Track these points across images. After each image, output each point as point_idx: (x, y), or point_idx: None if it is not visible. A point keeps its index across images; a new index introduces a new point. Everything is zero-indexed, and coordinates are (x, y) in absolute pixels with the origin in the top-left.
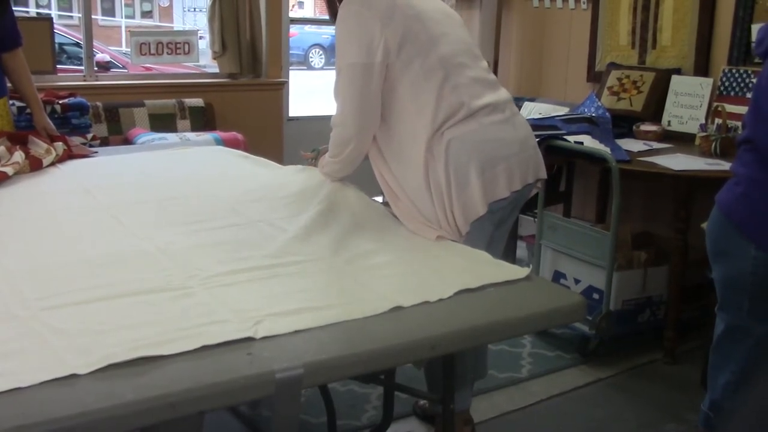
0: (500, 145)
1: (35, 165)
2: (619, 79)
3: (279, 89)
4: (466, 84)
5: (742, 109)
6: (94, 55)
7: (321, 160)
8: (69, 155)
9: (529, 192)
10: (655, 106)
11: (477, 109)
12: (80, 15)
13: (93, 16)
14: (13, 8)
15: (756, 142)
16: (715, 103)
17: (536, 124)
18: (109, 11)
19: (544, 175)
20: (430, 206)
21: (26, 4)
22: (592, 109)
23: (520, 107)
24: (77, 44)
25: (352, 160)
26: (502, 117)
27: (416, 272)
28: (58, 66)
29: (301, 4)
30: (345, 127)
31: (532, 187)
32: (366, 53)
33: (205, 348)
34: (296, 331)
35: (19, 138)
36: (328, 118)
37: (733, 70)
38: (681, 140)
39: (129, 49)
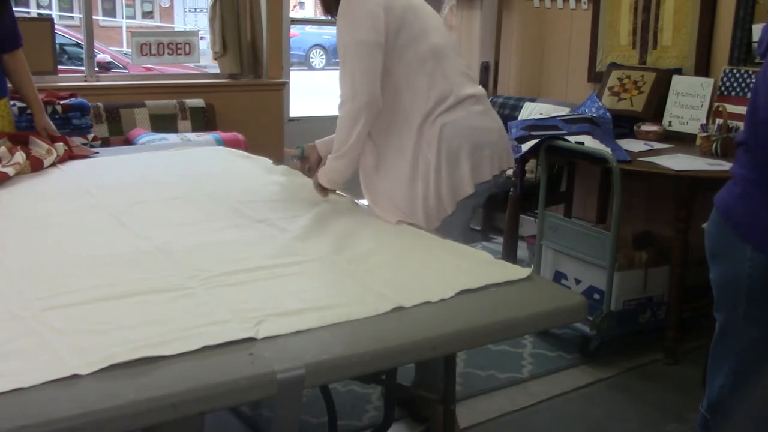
0: (486, 133)
1: (36, 165)
2: (620, 80)
3: (280, 89)
4: (453, 74)
5: (743, 110)
6: (95, 56)
7: (320, 169)
8: (70, 156)
9: (495, 183)
10: (655, 107)
11: (464, 97)
12: (81, 15)
13: (94, 17)
14: (14, 9)
15: (750, 144)
16: (716, 104)
17: (537, 125)
18: (110, 12)
19: (513, 165)
20: (406, 187)
21: (27, 5)
22: (593, 110)
23: (520, 108)
24: (78, 45)
25: (359, 142)
26: (482, 108)
27: (417, 272)
28: (58, 66)
29: (301, 5)
30: (356, 98)
31: (499, 178)
32: (374, 33)
33: (206, 348)
34: (297, 332)
35: (20, 138)
36: (328, 118)
37: (734, 71)
38: (682, 140)
39: (130, 50)
